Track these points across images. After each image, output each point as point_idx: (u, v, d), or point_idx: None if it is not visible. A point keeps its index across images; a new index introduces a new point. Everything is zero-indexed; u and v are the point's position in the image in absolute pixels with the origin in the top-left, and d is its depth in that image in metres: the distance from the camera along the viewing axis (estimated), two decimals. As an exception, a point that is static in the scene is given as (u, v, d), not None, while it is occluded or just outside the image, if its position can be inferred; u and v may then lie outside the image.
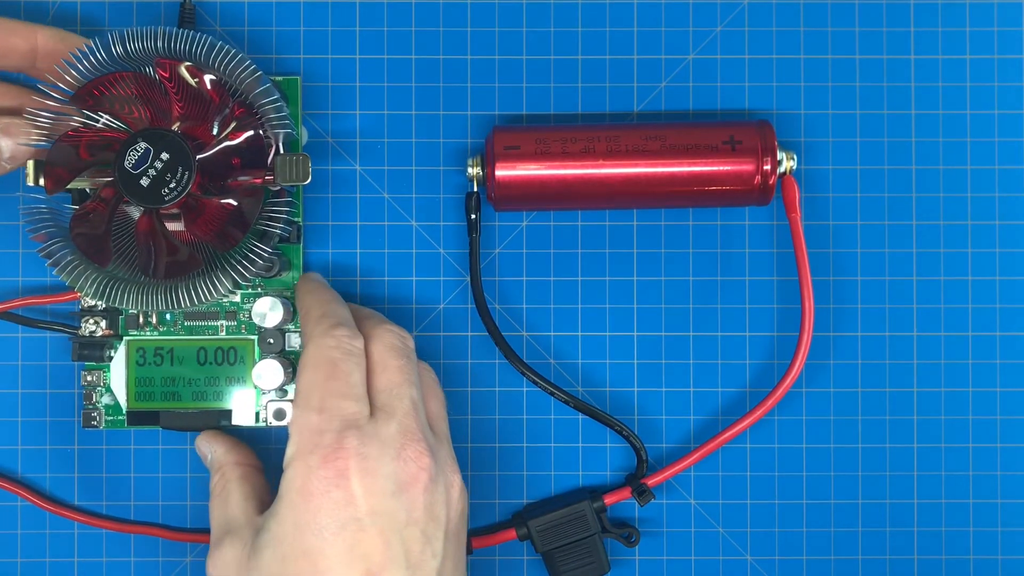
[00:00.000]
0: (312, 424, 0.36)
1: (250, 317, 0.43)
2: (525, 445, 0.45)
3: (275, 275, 0.43)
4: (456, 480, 0.38)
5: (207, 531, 0.44)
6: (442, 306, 0.45)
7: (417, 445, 0.37)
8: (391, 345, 0.39)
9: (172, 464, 0.45)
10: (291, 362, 0.43)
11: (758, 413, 0.43)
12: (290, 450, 0.37)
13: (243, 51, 0.44)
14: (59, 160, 0.40)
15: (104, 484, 0.44)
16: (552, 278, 0.45)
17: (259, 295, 0.43)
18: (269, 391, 0.43)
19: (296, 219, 0.44)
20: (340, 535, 0.35)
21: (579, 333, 0.45)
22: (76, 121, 0.40)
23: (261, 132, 0.40)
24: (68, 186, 0.40)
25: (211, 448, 0.42)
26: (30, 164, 0.40)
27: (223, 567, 0.38)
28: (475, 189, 0.43)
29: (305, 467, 0.36)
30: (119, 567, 0.44)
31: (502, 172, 0.42)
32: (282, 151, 0.40)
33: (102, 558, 0.44)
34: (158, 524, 0.44)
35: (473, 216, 0.43)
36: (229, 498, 0.40)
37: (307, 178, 0.40)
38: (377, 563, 0.35)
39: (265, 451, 0.44)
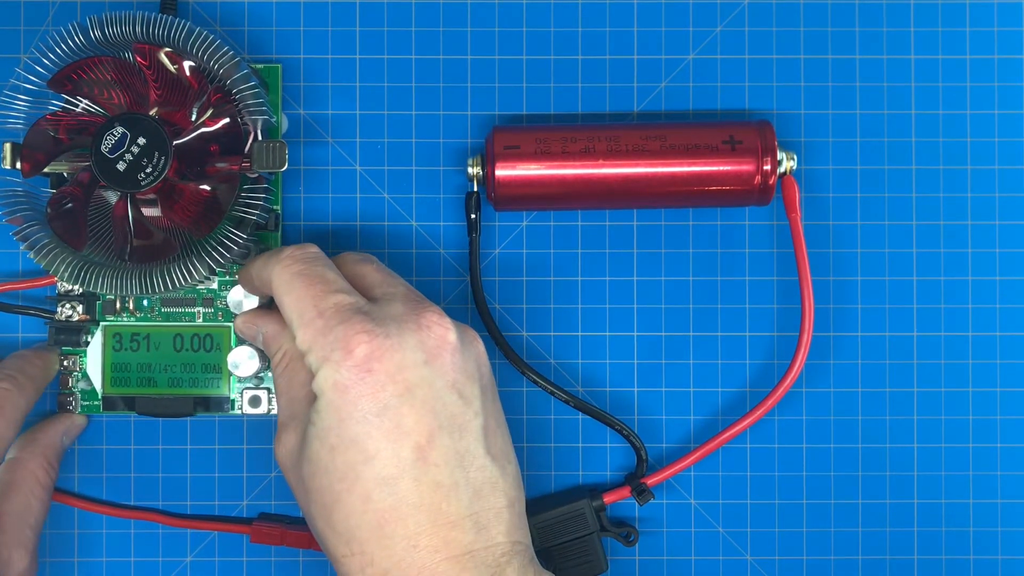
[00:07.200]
0: (318, 329, 0.36)
1: (227, 304, 0.43)
2: (525, 445, 0.45)
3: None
4: (474, 334, 0.39)
5: (205, 518, 0.44)
6: (442, 306, 0.44)
7: (432, 311, 0.37)
8: (357, 259, 0.40)
9: (172, 461, 0.45)
10: None
11: (758, 413, 0.43)
12: (314, 363, 0.36)
13: (242, 50, 0.44)
14: (36, 144, 0.40)
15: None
16: (552, 278, 0.45)
17: (235, 282, 0.43)
18: (244, 378, 0.43)
19: (274, 207, 0.44)
20: (383, 416, 0.35)
21: (579, 333, 0.45)
22: (54, 105, 0.40)
23: (239, 119, 0.40)
24: (45, 170, 0.40)
25: (260, 327, 0.41)
26: (7, 147, 0.40)
27: (286, 453, 0.38)
28: (475, 189, 0.43)
29: (331, 365, 0.35)
30: (119, 567, 0.44)
31: (502, 172, 0.42)
32: (260, 138, 0.40)
33: (102, 558, 0.44)
34: (157, 509, 0.44)
35: (473, 216, 0.43)
36: (294, 378, 0.38)
37: (283, 165, 0.39)
38: (425, 435, 0.35)
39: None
